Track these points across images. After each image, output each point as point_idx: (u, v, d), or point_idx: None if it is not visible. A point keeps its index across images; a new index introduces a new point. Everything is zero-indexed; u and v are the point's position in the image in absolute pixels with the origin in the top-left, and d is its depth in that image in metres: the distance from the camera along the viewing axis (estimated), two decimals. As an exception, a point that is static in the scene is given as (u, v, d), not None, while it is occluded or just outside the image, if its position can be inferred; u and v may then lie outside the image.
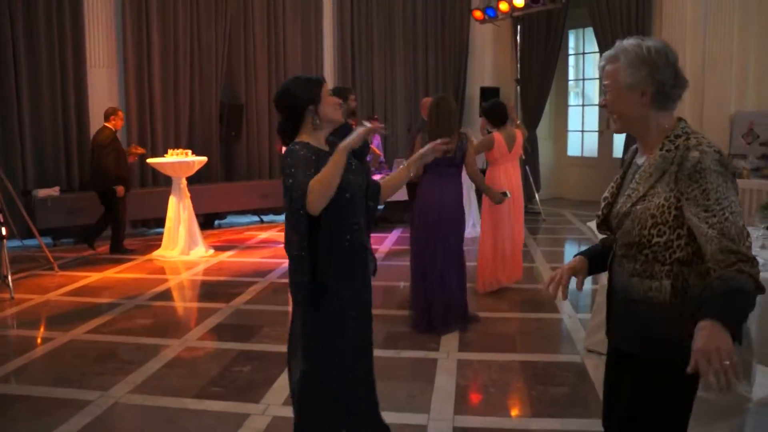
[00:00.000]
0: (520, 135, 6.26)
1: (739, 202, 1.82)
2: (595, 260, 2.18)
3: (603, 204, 2.08)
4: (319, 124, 2.62)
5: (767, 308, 3.14)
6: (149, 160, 8.11)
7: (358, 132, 2.48)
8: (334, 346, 2.63)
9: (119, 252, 7.84)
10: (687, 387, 1.88)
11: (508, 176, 6.08)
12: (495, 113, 6.12)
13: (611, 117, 2.01)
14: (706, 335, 1.56)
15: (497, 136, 5.99)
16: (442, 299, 4.97)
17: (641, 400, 1.95)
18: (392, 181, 2.84)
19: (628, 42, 1.94)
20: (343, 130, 2.79)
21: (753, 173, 7.60)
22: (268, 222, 10.26)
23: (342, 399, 2.68)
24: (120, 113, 7.90)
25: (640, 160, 2.02)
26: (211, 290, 6.37)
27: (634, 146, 2.14)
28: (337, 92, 5.93)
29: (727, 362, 1.51)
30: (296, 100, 2.60)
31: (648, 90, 1.90)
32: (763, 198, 6.81)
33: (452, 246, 5.05)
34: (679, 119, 1.98)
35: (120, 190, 7.66)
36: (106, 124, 7.67)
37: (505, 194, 5.54)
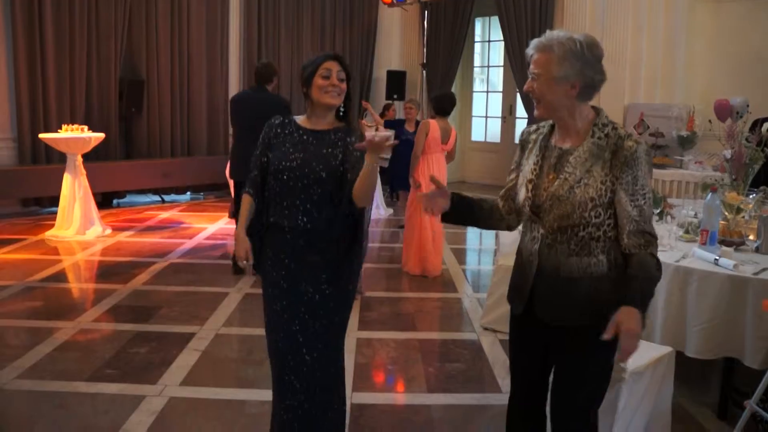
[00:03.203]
0: (454, 132, 6.26)
1: None
2: (461, 207, 2.32)
3: (530, 186, 2.16)
4: (310, 107, 2.63)
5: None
6: (41, 135, 7.71)
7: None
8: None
9: None
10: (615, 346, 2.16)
11: (439, 166, 6.11)
12: (441, 102, 6.13)
13: (535, 103, 2.12)
14: (635, 320, 1.91)
15: (433, 123, 6.03)
16: None
17: (584, 366, 2.16)
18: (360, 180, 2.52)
19: (560, 34, 2.05)
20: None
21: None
22: (169, 202, 10.00)
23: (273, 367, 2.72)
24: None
25: (564, 145, 2.14)
26: (108, 271, 6.17)
27: (538, 128, 2.26)
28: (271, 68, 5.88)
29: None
30: (301, 79, 2.63)
31: (577, 83, 2.04)
32: (652, 184, 7.25)
33: None
34: (597, 108, 2.15)
35: None
36: None
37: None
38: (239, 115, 5.90)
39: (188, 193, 10.46)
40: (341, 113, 2.66)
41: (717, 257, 3.34)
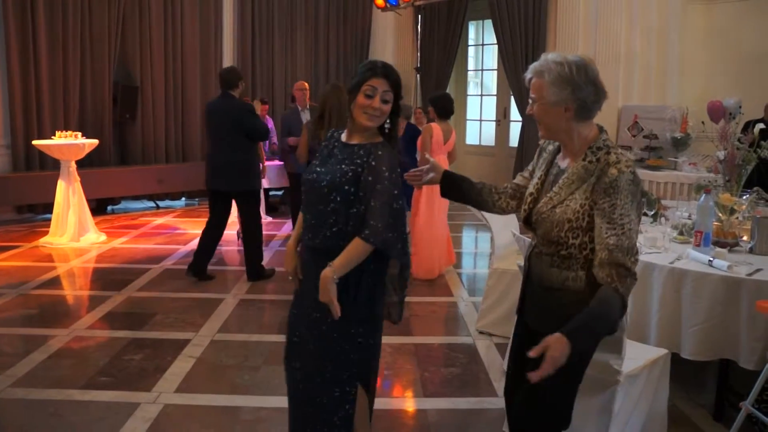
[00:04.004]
0: (454, 132, 6.38)
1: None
2: (452, 184, 2.55)
3: (529, 200, 2.24)
4: (350, 120, 2.46)
5: (637, 289, 3.36)
6: (35, 142, 7.69)
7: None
8: None
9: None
10: (586, 360, 2.18)
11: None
12: (441, 104, 6.22)
13: (538, 125, 2.17)
14: (561, 351, 1.85)
15: (435, 126, 6.11)
16: None
17: (552, 375, 2.08)
18: None
19: (552, 59, 2.08)
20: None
21: (637, 164, 8.05)
22: (164, 207, 9.98)
23: None
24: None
25: (562, 164, 2.19)
26: (103, 277, 6.15)
27: (555, 143, 2.28)
28: (234, 73, 5.83)
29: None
30: (347, 88, 2.47)
31: (571, 107, 2.06)
32: (646, 185, 7.30)
33: None
34: (600, 129, 2.16)
35: None
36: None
37: None
38: (208, 124, 5.86)
39: (183, 198, 10.45)
40: (386, 130, 2.49)
41: (711, 258, 3.34)
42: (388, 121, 2.47)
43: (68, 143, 7.39)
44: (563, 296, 2.13)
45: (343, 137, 2.52)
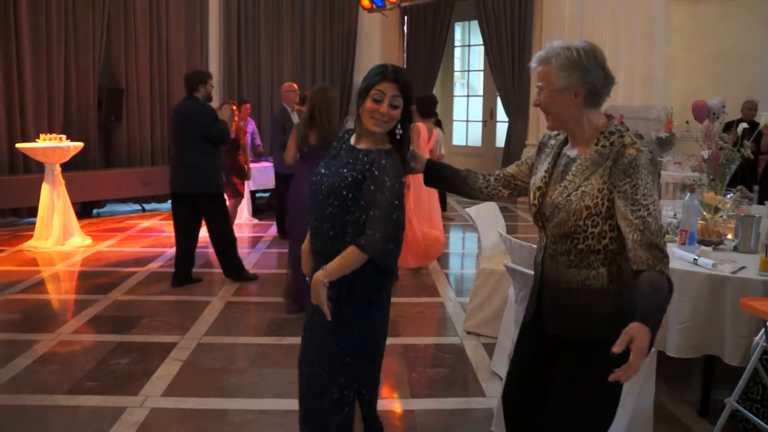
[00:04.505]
0: (435, 130, 6.58)
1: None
2: (435, 172, 2.52)
3: (538, 194, 2.16)
4: (359, 123, 2.39)
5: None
6: (19, 145, 7.63)
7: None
8: None
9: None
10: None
11: None
12: (424, 104, 6.41)
13: (545, 115, 2.11)
14: (646, 339, 1.75)
15: (422, 126, 6.32)
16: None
17: (584, 379, 2.04)
18: None
19: (558, 45, 2.03)
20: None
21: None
22: (150, 210, 9.93)
23: None
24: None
25: (571, 152, 2.12)
26: (88, 281, 6.10)
27: (558, 135, 2.23)
28: (196, 76, 5.83)
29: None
30: (361, 86, 2.38)
31: (580, 92, 2.01)
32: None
33: None
34: (609, 116, 2.11)
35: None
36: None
37: None
38: (171, 125, 5.86)
39: (169, 201, 10.36)
40: (398, 137, 2.40)
41: (696, 257, 3.36)
42: (399, 127, 2.40)
43: (53, 146, 7.33)
44: (584, 296, 2.05)
45: (352, 140, 2.47)
